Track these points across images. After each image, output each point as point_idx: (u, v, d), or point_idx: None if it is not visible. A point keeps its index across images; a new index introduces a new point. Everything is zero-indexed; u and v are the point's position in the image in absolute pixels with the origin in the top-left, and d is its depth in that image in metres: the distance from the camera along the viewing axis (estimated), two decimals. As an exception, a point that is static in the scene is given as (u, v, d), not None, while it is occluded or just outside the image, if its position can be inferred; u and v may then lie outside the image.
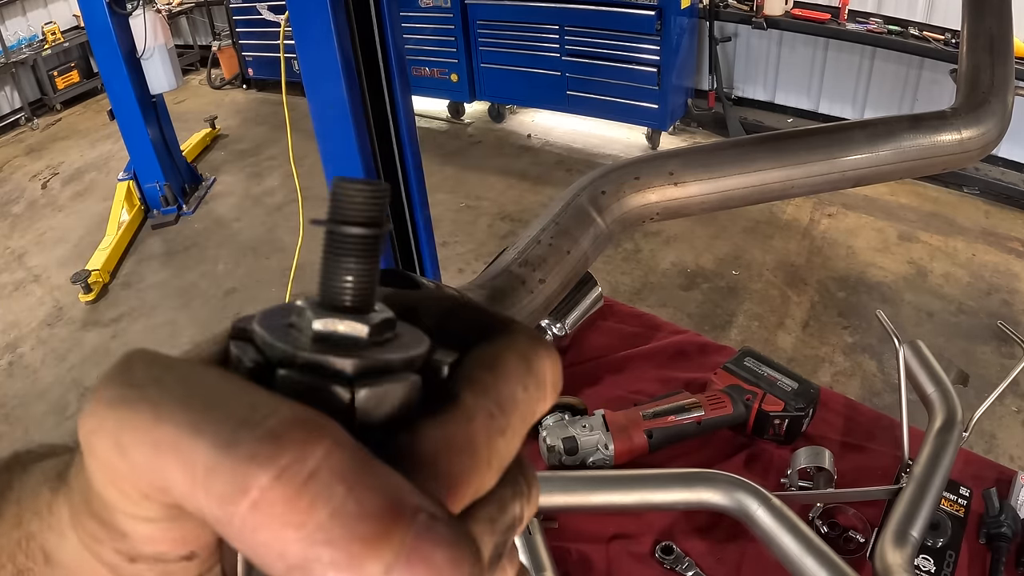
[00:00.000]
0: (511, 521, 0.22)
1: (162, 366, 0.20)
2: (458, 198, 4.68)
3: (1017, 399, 2.87)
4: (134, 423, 0.18)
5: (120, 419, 0.19)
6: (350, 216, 0.21)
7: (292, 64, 2.18)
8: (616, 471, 1.13)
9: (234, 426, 0.18)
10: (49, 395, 3.36)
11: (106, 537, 0.20)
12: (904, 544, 0.93)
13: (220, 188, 5.14)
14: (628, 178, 0.80)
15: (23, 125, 6.52)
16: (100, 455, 0.19)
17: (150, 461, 0.18)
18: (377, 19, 1.78)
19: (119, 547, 0.20)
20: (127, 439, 0.18)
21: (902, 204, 4.43)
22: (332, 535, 0.17)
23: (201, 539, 0.21)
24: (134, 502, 0.19)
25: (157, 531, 0.20)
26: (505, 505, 0.22)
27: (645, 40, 4.84)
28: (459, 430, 0.21)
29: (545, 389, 0.23)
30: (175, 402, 0.18)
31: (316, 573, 0.17)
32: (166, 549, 0.20)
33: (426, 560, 0.17)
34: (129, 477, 0.19)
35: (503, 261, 0.73)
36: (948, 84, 4.16)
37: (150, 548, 0.20)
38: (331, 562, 0.17)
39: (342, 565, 0.17)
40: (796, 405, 1.24)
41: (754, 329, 3.45)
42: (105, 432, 0.19)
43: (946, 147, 0.89)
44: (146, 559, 0.21)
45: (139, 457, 0.18)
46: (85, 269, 3.97)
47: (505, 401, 0.22)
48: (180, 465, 0.18)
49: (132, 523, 0.20)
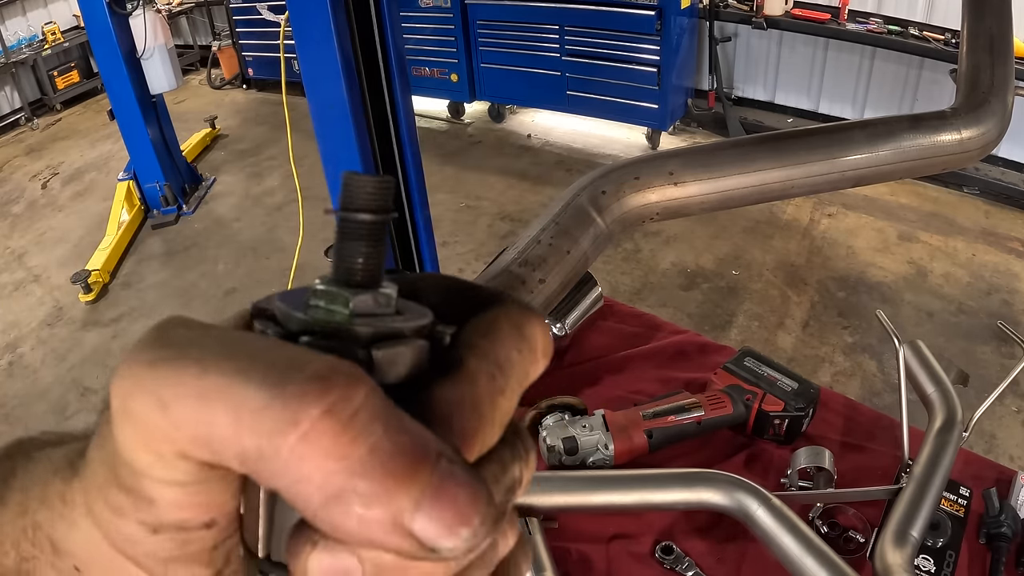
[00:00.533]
0: (511, 482, 0.23)
1: (198, 329, 0.21)
2: (458, 198, 4.68)
3: (1017, 399, 2.87)
4: (177, 378, 0.19)
5: (161, 376, 0.20)
6: (361, 204, 0.23)
7: (292, 64, 2.18)
8: (616, 471, 1.13)
9: (281, 371, 0.19)
10: (49, 395, 3.36)
11: (131, 508, 0.21)
12: (904, 544, 0.93)
13: (220, 188, 5.14)
14: (628, 178, 0.80)
15: (23, 125, 6.52)
16: (138, 415, 0.20)
17: (195, 412, 0.19)
18: (377, 19, 1.78)
19: (143, 517, 0.21)
20: (169, 394, 0.19)
21: (902, 204, 4.43)
22: (369, 468, 0.18)
23: (223, 506, 0.22)
24: (166, 463, 0.20)
25: (184, 496, 0.21)
26: (506, 465, 0.23)
27: (645, 40, 4.84)
28: (466, 390, 0.23)
29: (536, 352, 0.25)
30: (219, 356, 0.20)
31: (351, 503, 0.19)
32: (190, 516, 0.21)
33: (451, 497, 0.19)
34: (168, 434, 0.19)
35: (503, 261, 0.73)
36: (948, 84, 4.17)
37: (175, 515, 0.21)
38: (367, 492, 0.18)
39: (375, 496, 0.19)
40: (796, 405, 1.24)
41: (754, 329, 3.45)
42: (144, 391, 0.20)
43: (946, 147, 0.89)
44: (169, 528, 0.21)
45: (182, 410, 0.19)
46: (85, 269, 3.97)
47: (503, 363, 0.24)
48: (227, 410, 0.19)
49: (160, 488, 0.21)
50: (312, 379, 0.19)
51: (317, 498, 0.19)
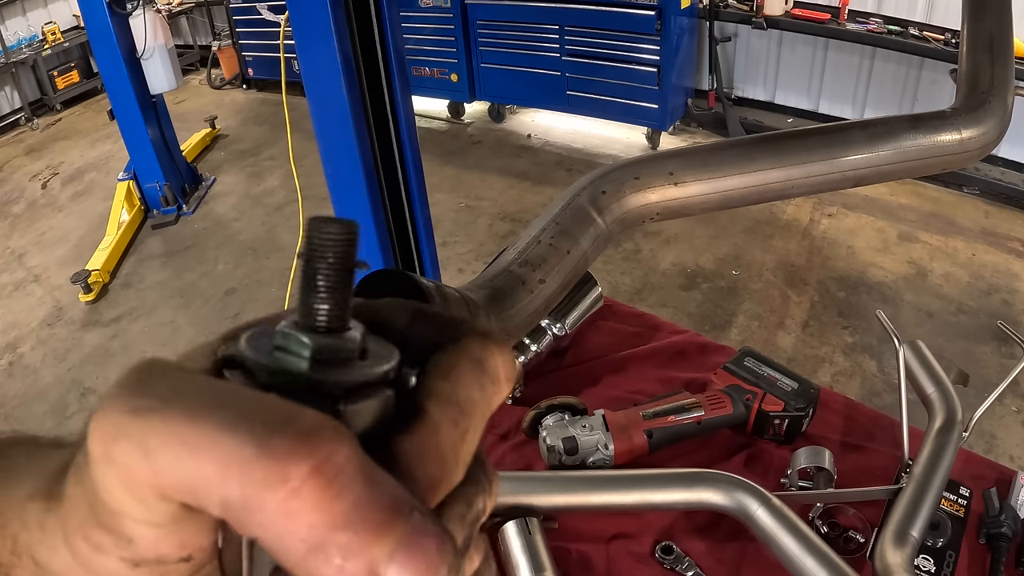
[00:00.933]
0: (476, 515, 0.25)
1: (178, 376, 0.22)
2: (458, 198, 4.68)
3: (1017, 399, 2.87)
4: (164, 427, 0.20)
5: (146, 425, 0.20)
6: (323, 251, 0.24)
7: (292, 64, 2.18)
8: (616, 471, 1.13)
9: (268, 424, 0.20)
10: (49, 395, 3.36)
11: (112, 546, 0.22)
12: (904, 544, 0.93)
13: (220, 188, 5.14)
14: (628, 178, 0.80)
15: (23, 125, 6.52)
16: (119, 460, 0.20)
17: (180, 460, 0.20)
18: (377, 19, 1.78)
19: (124, 554, 0.22)
20: (154, 443, 0.20)
21: (902, 204, 4.43)
22: (350, 522, 0.20)
23: (199, 542, 0.23)
24: (147, 506, 0.21)
25: (162, 535, 0.22)
26: (471, 501, 0.25)
27: (645, 40, 4.84)
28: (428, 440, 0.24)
29: (500, 383, 0.26)
30: (206, 406, 0.20)
31: (331, 555, 0.20)
32: (168, 552, 0.22)
33: (421, 549, 0.20)
34: (149, 480, 0.20)
35: (503, 261, 0.73)
36: (948, 84, 4.17)
37: (153, 551, 0.22)
38: (346, 544, 0.20)
39: (354, 547, 0.20)
40: (796, 405, 1.24)
41: (754, 329, 3.45)
42: (128, 439, 0.20)
43: (946, 147, 0.89)
44: (148, 563, 0.22)
45: (167, 458, 0.20)
46: (85, 269, 3.97)
47: (465, 405, 0.25)
48: (214, 460, 0.20)
49: (139, 528, 0.21)
50: (300, 435, 0.20)
51: (300, 549, 0.20)
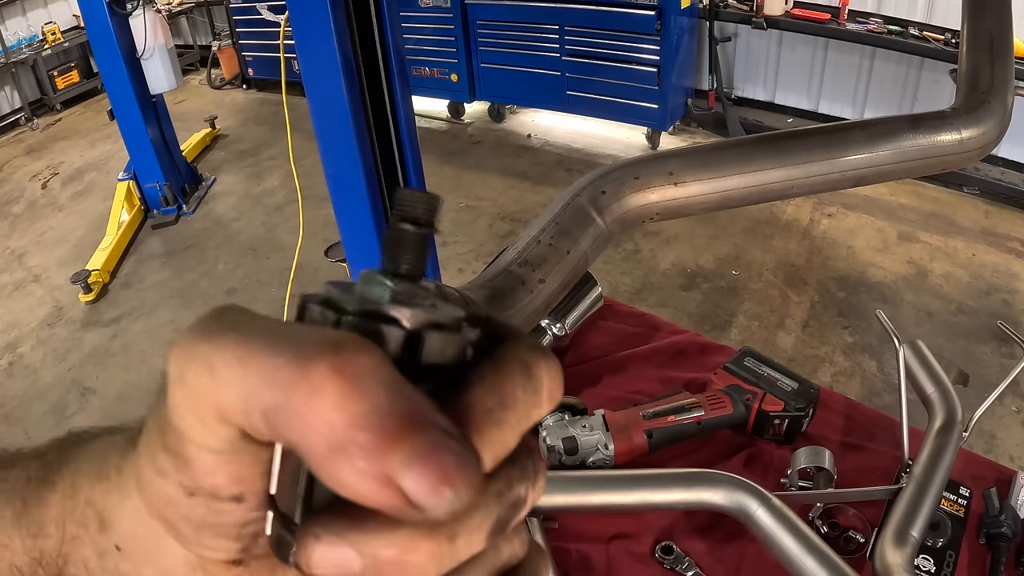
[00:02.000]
0: (516, 499, 0.25)
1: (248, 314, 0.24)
2: (458, 198, 4.68)
3: (1017, 399, 2.87)
4: (225, 347, 0.22)
5: (214, 346, 0.22)
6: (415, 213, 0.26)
7: (292, 64, 2.18)
8: (616, 471, 1.13)
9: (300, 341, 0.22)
10: (49, 395, 3.36)
11: (172, 469, 0.24)
12: (904, 544, 0.93)
13: (220, 188, 5.14)
14: (628, 178, 0.80)
15: (23, 125, 6.52)
16: (190, 379, 0.23)
17: (236, 374, 0.22)
18: (377, 19, 1.78)
19: (182, 479, 0.24)
20: (218, 360, 0.22)
21: (902, 204, 4.43)
22: (369, 423, 0.21)
23: (251, 482, 0.24)
24: (207, 427, 0.23)
25: (218, 462, 0.23)
26: (512, 483, 0.25)
27: (645, 40, 4.84)
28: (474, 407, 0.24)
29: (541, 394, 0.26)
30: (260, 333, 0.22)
31: (351, 454, 0.20)
32: (221, 483, 0.24)
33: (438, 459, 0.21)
34: (211, 398, 0.22)
35: (503, 261, 0.73)
36: (948, 84, 4.16)
37: (208, 479, 0.24)
38: (364, 445, 0.20)
39: (371, 450, 0.20)
40: (796, 405, 1.24)
41: (754, 329, 3.45)
42: (198, 358, 0.22)
43: (946, 147, 0.89)
44: (202, 492, 0.24)
45: (227, 373, 0.22)
46: (85, 269, 3.97)
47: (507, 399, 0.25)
48: (257, 373, 0.21)
49: (198, 452, 0.23)
50: (325, 344, 0.22)
51: (322, 447, 0.21)
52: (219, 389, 0.22)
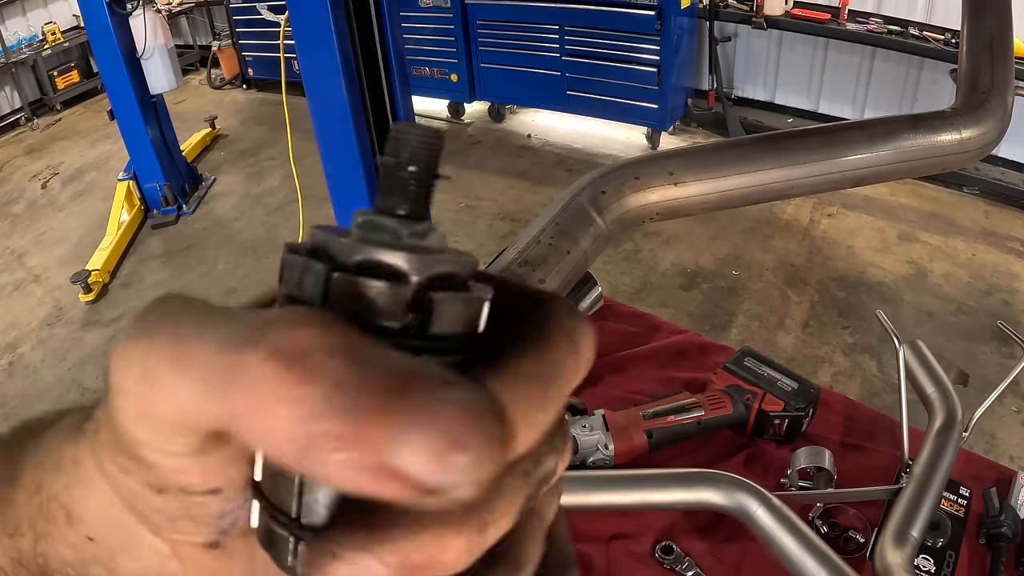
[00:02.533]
0: (545, 474, 0.22)
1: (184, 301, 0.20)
2: (458, 198, 4.68)
3: (1017, 399, 2.87)
4: (160, 347, 0.19)
5: (146, 347, 0.19)
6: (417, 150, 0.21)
7: (292, 64, 2.18)
8: (616, 471, 1.13)
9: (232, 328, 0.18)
10: (49, 395, 3.36)
11: (134, 469, 0.21)
12: (904, 544, 0.93)
13: (220, 188, 5.14)
14: (628, 178, 0.80)
15: (23, 125, 6.52)
16: (129, 388, 0.19)
17: (171, 379, 0.18)
18: (377, 19, 1.78)
19: (147, 478, 0.21)
20: (153, 363, 0.19)
21: (902, 204, 4.43)
22: (333, 408, 0.16)
23: (228, 476, 0.21)
24: (163, 436, 0.20)
25: (183, 465, 0.20)
26: (540, 460, 0.22)
27: (645, 40, 4.84)
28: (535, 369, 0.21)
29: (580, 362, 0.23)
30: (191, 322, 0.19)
31: (327, 449, 0.16)
32: (193, 482, 0.21)
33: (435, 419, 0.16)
34: (158, 407, 0.19)
35: (503, 261, 0.73)
36: (948, 84, 4.16)
37: (175, 479, 0.21)
38: (336, 435, 0.16)
39: (348, 436, 0.16)
40: (796, 405, 1.24)
41: (754, 329, 3.45)
42: (133, 362, 0.19)
43: (946, 147, 0.89)
44: (172, 490, 0.21)
45: (164, 379, 0.19)
46: (85, 269, 3.97)
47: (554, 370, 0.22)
48: (197, 371, 0.18)
49: (159, 456, 0.20)
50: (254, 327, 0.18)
51: (292, 451, 0.17)
52: (161, 399, 0.19)
